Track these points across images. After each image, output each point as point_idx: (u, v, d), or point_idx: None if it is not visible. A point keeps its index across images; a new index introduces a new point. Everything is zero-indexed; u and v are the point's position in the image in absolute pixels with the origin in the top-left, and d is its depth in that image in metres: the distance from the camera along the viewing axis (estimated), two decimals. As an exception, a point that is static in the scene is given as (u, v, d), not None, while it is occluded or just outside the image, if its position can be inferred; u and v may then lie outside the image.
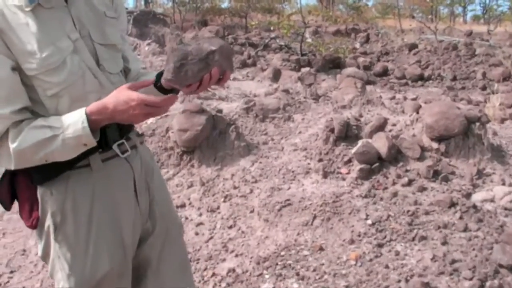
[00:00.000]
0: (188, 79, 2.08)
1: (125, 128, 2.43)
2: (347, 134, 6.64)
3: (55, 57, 2.13)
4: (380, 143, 6.24)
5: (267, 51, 16.80)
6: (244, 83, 11.38)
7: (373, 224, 5.29)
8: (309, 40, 18.28)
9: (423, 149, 6.39)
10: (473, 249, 4.86)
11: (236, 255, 5.17)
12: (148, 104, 2.05)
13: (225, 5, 34.51)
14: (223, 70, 2.16)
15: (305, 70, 12.13)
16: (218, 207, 6.14)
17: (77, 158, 2.19)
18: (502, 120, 9.10)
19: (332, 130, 6.60)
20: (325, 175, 6.21)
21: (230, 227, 5.70)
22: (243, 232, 5.57)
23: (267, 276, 4.72)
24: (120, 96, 2.07)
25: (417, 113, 7.03)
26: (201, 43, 2.11)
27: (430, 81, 13.25)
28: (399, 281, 4.51)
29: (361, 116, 7.20)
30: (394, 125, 7.00)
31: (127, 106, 2.05)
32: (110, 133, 2.34)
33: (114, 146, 2.36)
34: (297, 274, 4.70)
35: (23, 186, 2.26)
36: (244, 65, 14.02)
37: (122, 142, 2.40)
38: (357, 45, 19.88)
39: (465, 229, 5.15)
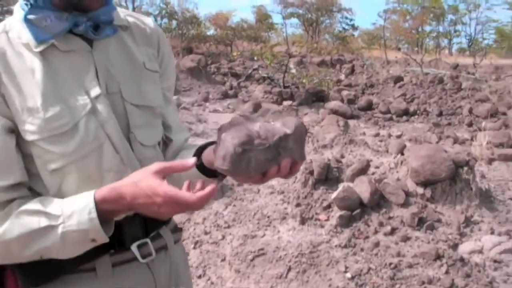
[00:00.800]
0: (250, 171, 1.48)
1: (153, 221, 1.80)
2: (327, 176, 6.35)
3: (64, 119, 1.58)
4: (362, 188, 5.95)
5: (250, 81, 16.62)
6: (223, 117, 11.11)
7: (353, 277, 4.98)
8: (293, 70, 18.10)
9: (408, 194, 6.11)
10: (461, 309, 4.56)
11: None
12: (179, 203, 1.46)
13: (210, 32, 34.69)
14: (294, 160, 1.55)
15: (286, 103, 11.89)
16: (188, 254, 5.79)
17: (82, 257, 1.61)
18: (490, 161, 8.86)
19: (311, 173, 6.31)
20: (303, 221, 5.90)
21: (199, 277, 5.36)
22: (212, 283, 5.23)
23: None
24: (142, 185, 1.49)
25: (402, 154, 6.77)
26: (271, 120, 1.55)
27: (416, 116, 13.05)
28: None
29: (342, 157, 6.92)
30: (377, 167, 6.73)
31: (151, 201, 1.48)
32: (129, 228, 1.75)
33: (133, 247, 1.75)
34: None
35: (11, 284, 1.72)
36: (225, 96, 13.82)
37: (146, 241, 1.79)
38: (342, 77, 19.72)
39: (452, 285, 4.85)
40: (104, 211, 1.53)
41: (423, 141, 9.55)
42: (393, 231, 5.69)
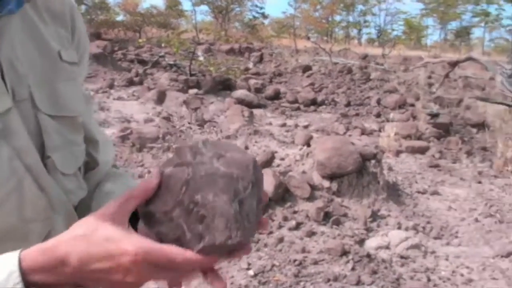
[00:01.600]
0: (252, 228, 1.07)
1: None
2: (230, 169, 6.14)
3: None
4: (267, 181, 5.75)
5: (157, 69, 16.24)
6: (128, 104, 10.76)
7: (256, 275, 4.81)
8: (201, 58, 17.82)
9: (314, 187, 5.98)
10: (367, 308, 4.45)
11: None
12: (161, 263, 0.97)
13: (120, 18, 34.03)
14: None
15: (192, 91, 11.63)
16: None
17: None
18: (398, 153, 8.88)
19: (213, 165, 6.08)
20: (204, 217, 5.67)
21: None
22: None
23: None
24: (97, 239, 0.97)
25: (308, 146, 6.63)
26: (218, 154, 1.08)
27: (324, 106, 13.00)
28: None
29: (247, 148, 6.74)
30: (282, 159, 6.58)
31: (112, 264, 0.95)
32: None
33: None
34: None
35: None
36: (130, 83, 13.40)
37: None
38: (250, 65, 19.57)
39: (358, 282, 4.75)
40: (35, 285, 0.96)
41: (330, 132, 9.51)
42: (298, 226, 5.55)
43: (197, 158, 1.04)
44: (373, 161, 6.26)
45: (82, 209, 1.35)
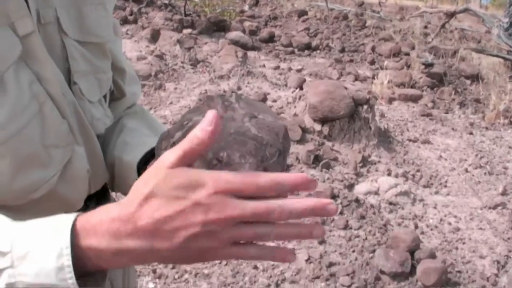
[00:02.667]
0: None
1: (103, 199, 1.36)
2: (221, 108, 6.07)
3: None
4: (258, 122, 5.71)
5: (152, 8, 15.98)
6: (123, 42, 10.62)
7: (245, 215, 4.76)
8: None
9: (305, 130, 5.92)
10: (353, 251, 4.47)
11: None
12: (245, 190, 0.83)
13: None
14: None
15: (186, 31, 11.47)
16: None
17: None
18: (390, 100, 8.81)
19: (204, 103, 6.01)
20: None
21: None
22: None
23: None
24: (165, 180, 0.82)
25: (301, 89, 6.55)
26: (251, 113, 0.99)
27: (318, 51, 12.84)
28: (269, 285, 4.07)
29: (239, 88, 6.66)
30: (274, 101, 6.52)
31: (187, 203, 0.80)
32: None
33: None
34: (154, 271, 4.16)
35: None
36: (125, 21, 13.14)
37: None
38: (246, 8, 19.31)
39: (346, 227, 4.74)
40: (86, 249, 0.85)
41: (324, 77, 9.42)
42: (288, 167, 5.50)
43: (228, 113, 0.98)
44: (365, 107, 6.19)
45: (103, 139, 1.34)
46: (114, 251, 0.83)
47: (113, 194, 1.49)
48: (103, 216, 0.84)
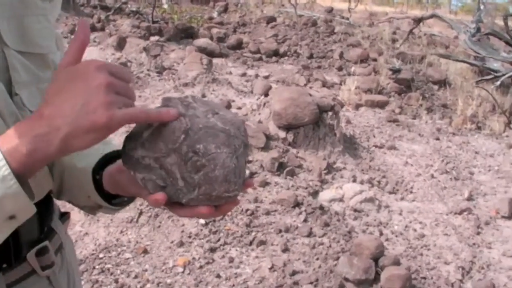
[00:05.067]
0: (242, 183, 1.09)
1: (45, 209, 1.32)
2: (185, 116, 6.03)
3: None
4: (221, 129, 5.67)
5: (120, 15, 15.91)
6: (87, 50, 10.49)
7: (207, 224, 4.77)
8: (165, 6, 17.55)
9: (269, 138, 5.90)
10: (317, 259, 4.46)
11: (46, 255, 4.43)
12: (117, 73, 1.00)
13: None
14: None
15: (154, 38, 11.43)
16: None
17: None
18: (357, 106, 8.83)
19: (167, 112, 5.96)
20: (156, 164, 5.58)
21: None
22: (59, 226, 4.82)
23: (81, 282, 4.03)
24: (61, 76, 0.99)
25: (266, 96, 6.53)
26: (212, 110, 1.08)
27: (286, 58, 12.84)
28: (232, 294, 4.04)
29: (204, 96, 6.62)
30: (239, 108, 6.49)
31: (89, 84, 0.95)
32: (24, 227, 1.15)
33: (31, 256, 1.24)
34: (116, 281, 4.12)
35: None
36: (92, 29, 13.04)
37: (45, 245, 1.28)
38: (215, 15, 19.30)
39: (310, 234, 4.73)
40: (18, 156, 0.96)
41: (291, 83, 9.41)
42: (251, 175, 5.48)
43: (189, 111, 1.04)
44: (330, 113, 6.19)
45: None
46: (29, 140, 0.95)
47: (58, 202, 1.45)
48: (18, 124, 0.99)
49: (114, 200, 1.34)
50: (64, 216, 1.46)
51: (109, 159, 1.31)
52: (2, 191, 0.93)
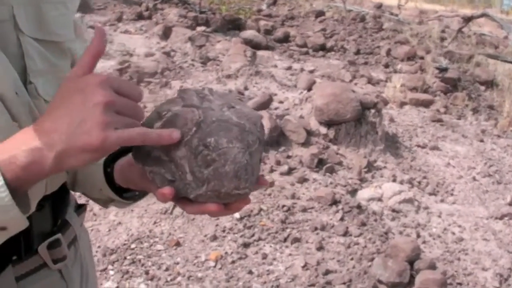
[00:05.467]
0: (253, 184, 1.03)
1: (59, 201, 1.29)
2: (226, 108, 5.95)
3: None
4: (262, 123, 5.58)
5: (168, 4, 15.91)
6: (133, 38, 10.56)
7: (241, 218, 4.69)
8: (215, -4, 17.51)
9: (310, 133, 5.81)
10: (352, 259, 4.36)
11: (82, 242, 4.40)
12: (123, 90, 0.96)
13: None
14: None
15: (200, 29, 11.37)
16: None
17: None
18: (402, 104, 8.65)
19: (209, 103, 5.89)
20: (195, 155, 5.52)
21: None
22: (95, 214, 4.80)
23: (111, 272, 4.06)
24: (65, 88, 0.96)
25: (309, 90, 6.42)
26: (228, 104, 1.04)
27: (332, 52, 12.68)
28: (263, 291, 3.97)
29: (246, 88, 6.54)
30: (281, 102, 6.40)
31: (85, 97, 0.92)
32: (36, 219, 1.17)
33: (42, 250, 1.21)
34: (146, 272, 4.07)
35: None
36: (140, 17, 13.10)
37: (58, 238, 1.25)
38: (264, 7, 19.19)
39: (345, 233, 4.63)
40: (14, 170, 0.92)
41: (336, 79, 9.28)
42: (290, 171, 5.40)
43: (204, 104, 1.01)
44: (373, 111, 6.06)
45: None
46: (25, 153, 0.92)
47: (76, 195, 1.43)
48: (17, 134, 0.95)
49: (125, 194, 1.29)
50: (81, 208, 1.43)
51: (121, 151, 1.26)
52: None
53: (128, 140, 0.92)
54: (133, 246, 4.33)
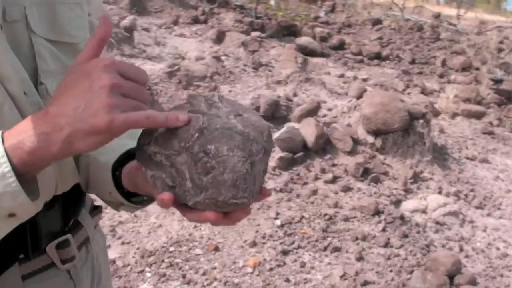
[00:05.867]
0: (255, 194, 1.00)
1: (72, 202, 1.30)
2: (274, 114, 5.94)
3: None
4: (308, 130, 5.54)
5: (226, 9, 15.94)
6: (187, 41, 10.60)
7: (282, 225, 4.64)
8: (272, 2, 17.47)
9: (356, 142, 5.73)
10: (391, 271, 4.27)
11: (123, 243, 4.43)
12: (130, 75, 0.95)
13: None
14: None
15: (255, 34, 11.37)
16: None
17: None
18: (453, 115, 8.48)
19: (257, 109, 5.87)
20: (240, 160, 5.49)
21: (122, 208, 4.93)
22: (136, 216, 4.81)
23: (148, 275, 4.04)
24: (70, 74, 0.96)
25: (359, 99, 6.34)
26: (235, 111, 1.02)
27: (387, 61, 12.55)
28: (300, 299, 3.91)
29: (295, 95, 6.48)
30: (330, 109, 6.33)
31: (91, 81, 0.91)
32: (45, 218, 1.18)
33: (51, 249, 1.21)
34: (183, 276, 4.05)
35: None
36: (195, 21, 13.18)
37: (67, 238, 1.25)
38: (322, 14, 19.10)
39: (386, 244, 4.53)
40: (20, 154, 0.92)
41: (389, 88, 9.17)
42: (334, 179, 5.33)
43: (212, 110, 1.00)
44: (421, 121, 5.93)
45: None
46: (32, 138, 0.91)
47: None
48: (24, 120, 0.95)
49: (133, 198, 1.27)
50: (96, 209, 1.44)
51: (131, 155, 1.23)
52: (1, 188, 0.90)
53: (135, 123, 0.91)
54: (171, 249, 4.32)
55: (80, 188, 1.34)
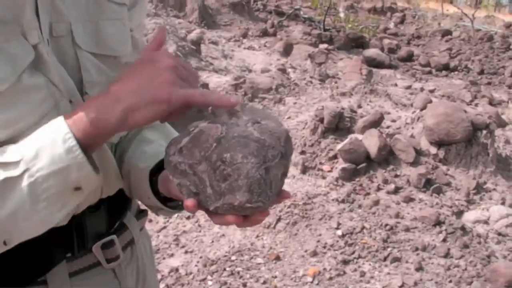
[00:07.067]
0: (273, 197, 1.03)
1: (117, 205, 1.36)
2: (338, 126, 5.89)
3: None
4: (371, 141, 5.48)
5: (296, 22, 15.94)
6: (254, 54, 10.63)
7: (343, 235, 4.60)
8: (341, 14, 17.38)
9: (419, 153, 5.63)
10: (450, 281, 4.18)
11: (186, 252, 4.48)
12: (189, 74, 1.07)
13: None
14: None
15: (323, 46, 11.32)
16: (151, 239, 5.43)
17: (31, 268, 1.16)
18: (520, 126, 8.22)
19: (321, 120, 5.84)
20: (304, 171, 5.49)
21: (188, 218, 4.99)
22: (200, 225, 4.86)
23: (210, 283, 4.07)
24: (134, 64, 1.07)
25: (422, 109, 6.23)
26: (254, 119, 1.05)
27: (456, 72, 12.30)
28: (360, 309, 3.88)
29: (360, 106, 6.43)
30: (393, 121, 6.25)
31: (153, 66, 1.03)
32: (91, 219, 1.27)
33: (96, 249, 1.27)
34: (244, 285, 4.06)
35: None
36: (264, 33, 13.24)
37: (112, 239, 1.30)
38: (391, 25, 18.89)
39: (447, 255, 4.44)
40: (84, 130, 0.99)
41: (456, 99, 8.97)
42: (396, 190, 5.26)
43: (232, 119, 1.05)
44: (484, 132, 5.78)
45: (121, 148, 1.40)
46: (91, 110, 1.00)
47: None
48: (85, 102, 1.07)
49: (169, 203, 1.30)
50: (142, 213, 1.49)
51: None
52: (68, 161, 0.97)
53: (191, 97, 1.00)
54: (233, 258, 4.34)
55: (125, 193, 1.39)
